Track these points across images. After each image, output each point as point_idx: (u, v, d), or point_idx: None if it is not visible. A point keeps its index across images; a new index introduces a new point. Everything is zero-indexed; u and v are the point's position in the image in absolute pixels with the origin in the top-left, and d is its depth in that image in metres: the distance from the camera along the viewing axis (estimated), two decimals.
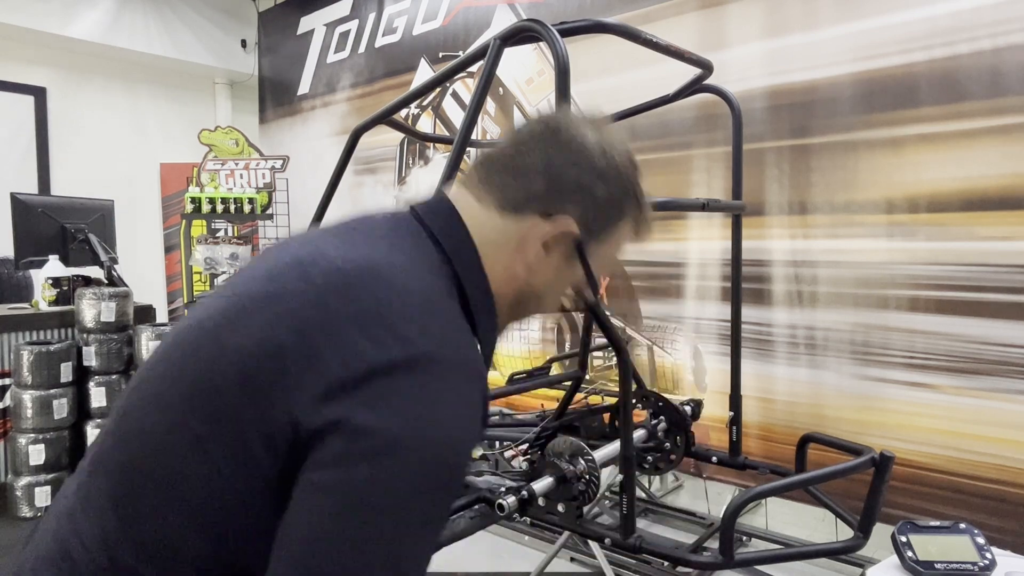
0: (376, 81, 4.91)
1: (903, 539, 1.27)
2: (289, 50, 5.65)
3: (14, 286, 4.29)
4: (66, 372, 3.46)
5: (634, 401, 2.05)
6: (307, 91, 5.49)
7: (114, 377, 3.63)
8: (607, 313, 1.57)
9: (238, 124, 5.55)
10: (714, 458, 2.13)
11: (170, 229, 5.50)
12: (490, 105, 4.06)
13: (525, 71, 3.91)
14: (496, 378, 3.69)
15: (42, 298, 3.73)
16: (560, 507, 1.58)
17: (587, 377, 2.24)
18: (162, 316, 5.05)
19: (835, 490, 2.00)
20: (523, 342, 3.94)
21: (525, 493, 1.53)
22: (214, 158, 4.89)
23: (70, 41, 5.06)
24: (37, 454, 3.38)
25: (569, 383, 2.16)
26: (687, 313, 3.29)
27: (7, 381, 3.50)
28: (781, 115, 2.92)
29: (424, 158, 4.58)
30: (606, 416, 2.16)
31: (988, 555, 1.24)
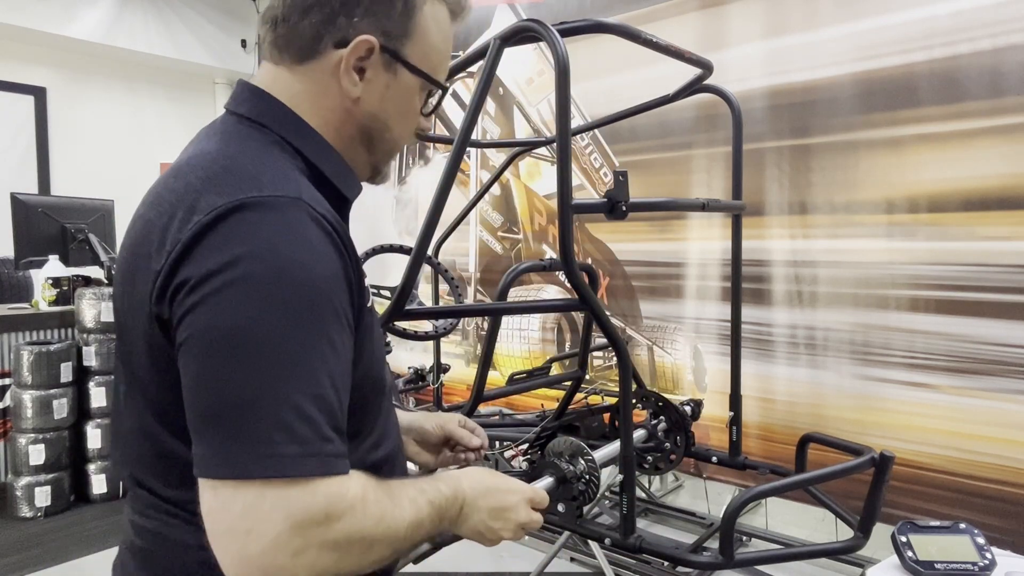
0: None
1: (903, 539, 1.27)
2: None
3: (14, 286, 4.28)
4: (66, 372, 3.46)
5: (634, 401, 2.05)
6: None
7: (114, 377, 3.63)
8: (607, 313, 1.57)
9: None
10: (714, 458, 2.13)
11: None
12: (490, 105, 4.06)
13: (525, 71, 3.91)
14: (496, 378, 3.69)
15: (42, 298, 3.73)
16: (560, 507, 1.58)
17: (587, 377, 2.24)
18: None
19: (835, 490, 2.00)
20: (523, 342, 3.95)
21: None
22: None
23: (70, 41, 5.06)
24: (37, 454, 3.38)
25: (569, 383, 2.16)
26: (687, 313, 3.29)
27: (7, 381, 3.50)
28: (781, 115, 2.92)
29: (424, 158, 4.58)
30: (606, 416, 2.16)
31: (988, 555, 1.24)
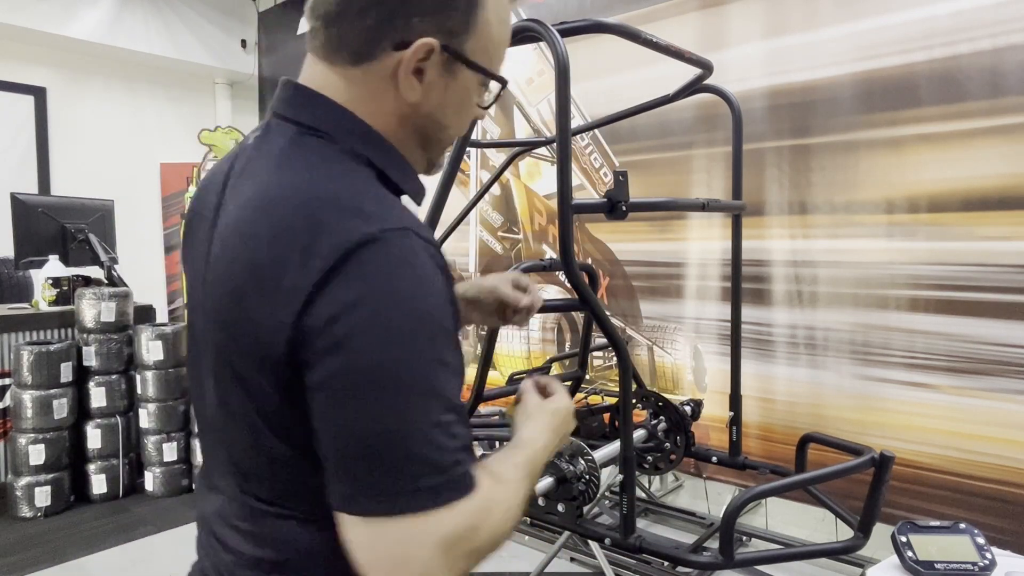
0: None
1: (903, 539, 1.27)
2: (289, 50, 5.65)
3: (14, 286, 4.29)
4: (66, 372, 3.46)
5: (634, 401, 2.05)
6: None
7: (114, 377, 3.63)
8: (607, 313, 1.57)
9: (238, 124, 5.55)
10: (714, 458, 2.13)
11: (170, 229, 5.50)
12: None
13: (525, 71, 3.91)
14: (496, 378, 3.68)
15: (42, 298, 3.73)
16: (560, 507, 1.58)
17: (587, 377, 2.24)
18: (162, 316, 5.05)
19: (835, 490, 2.00)
20: (523, 342, 3.95)
21: None
22: (214, 158, 4.89)
23: (70, 41, 5.06)
24: (37, 454, 3.38)
25: (569, 383, 2.16)
26: (687, 313, 3.29)
27: (7, 381, 3.50)
28: (781, 115, 2.92)
29: None
30: (606, 416, 2.16)
31: (988, 555, 1.24)
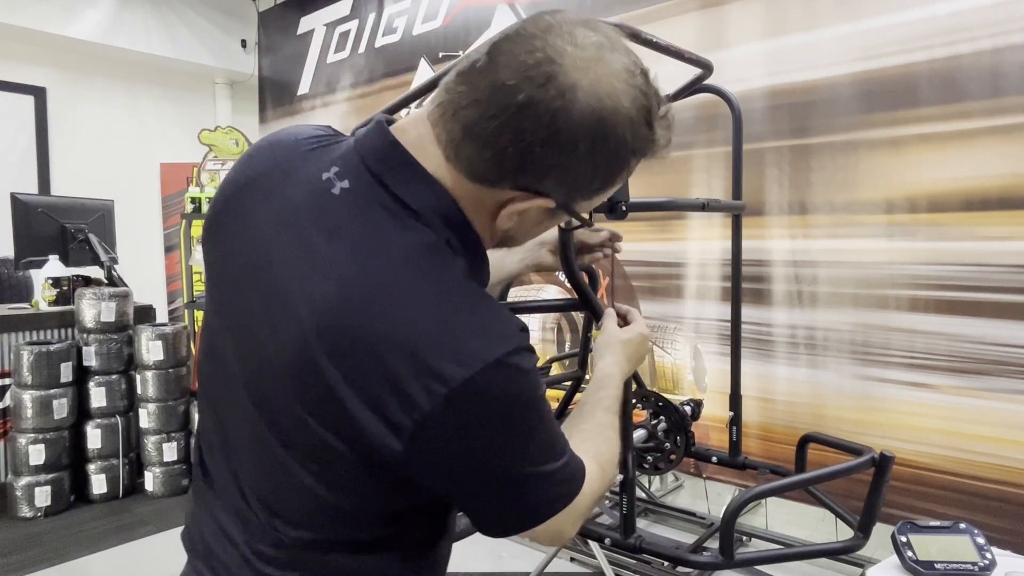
0: (376, 81, 4.91)
1: (903, 539, 1.27)
2: (289, 50, 5.65)
3: (14, 286, 4.28)
4: (66, 372, 3.46)
5: (634, 401, 2.05)
6: (307, 91, 5.49)
7: (114, 377, 3.63)
8: None
9: (238, 124, 5.55)
10: (714, 458, 2.13)
11: (170, 229, 5.50)
12: None
13: None
14: None
15: (42, 298, 3.73)
16: None
17: (587, 377, 2.24)
18: (162, 316, 5.05)
19: (835, 490, 2.00)
20: None
21: None
22: (214, 158, 4.88)
23: (70, 41, 5.06)
24: (37, 454, 3.38)
25: (569, 383, 2.16)
26: (687, 313, 3.29)
27: (7, 381, 3.50)
28: (781, 115, 2.91)
29: None
30: None
31: (988, 555, 1.24)
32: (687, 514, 3.14)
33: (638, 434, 1.99)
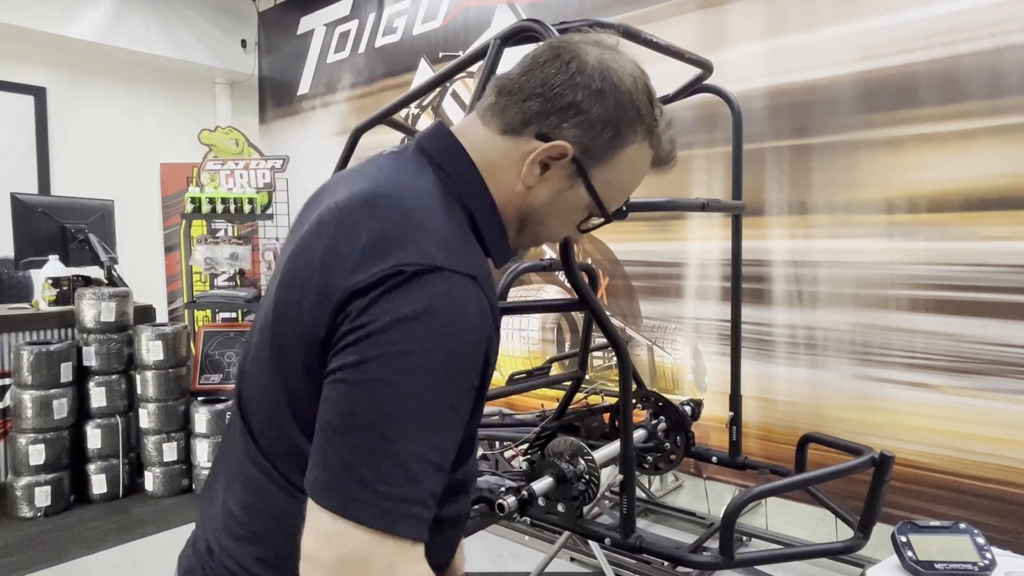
0: (376, 81, 4.91)
1: (903, 539, 1.27)
2: (289, 50, 5.65)
3: (14, 286, 4.28)
4: (66, 372, 3.46)
5: (634, 401, 2.05)
6: (307, 91, 5.49)
7: (114, 377, 3.63)
8: (607, 313, 1.57)
9: (238, 124, 5.55)
10: (714, 458, 2.13)
11: (170, 229, 5.49)
12: None
13: None
14: (496, 378, 3.68)
15: (42, 298, 3.73)
16: (560, 507, 1.58)
17: (587, 377, 2.24)
18: (162, 316, 5.05)
19: (835, 490, 2.00)
20: (523, 342, 3.94)
21: (525, 493, 1.53)
22: (214, 158, 4.88)
23: (70, 41, 5.06)
24: (37, 454, 3.38)
25: (569, 383, 2.16)
26: (687, 313, 3.29)
27: (7, 381, 3.50)
28: (781, 115, 2.92)
29: None
30: (606, 416, 2.16)
31: (988, 555, 1.24)
32: (687, 514, 3.14)
33: (638, 434, 1.99)
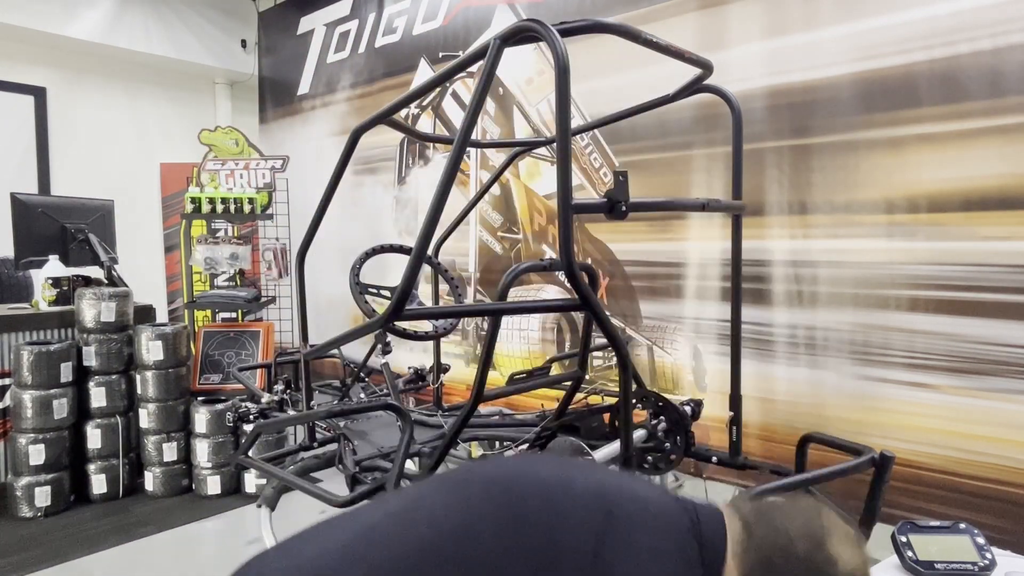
0: (376, 81, 4.91)
1: (903, 539, 1.27)
2: (289, 50, 5.65)
3: (14, 286, 4.28)
4: (66, 372, 3.47)
5: (634, 401, 2.05)
6: (307, 91, 5.49)
7: (114, 377, 3.63)
8: (607, 313, 1.57)
9: (238, 124, 5.55)
10: (714, 458, 2.13)
11: (170, 229, 5.49)
12: (490, 105, 4.06)
13: (525, 71, 3.91)
14: (496, 378, 3.68)
15: (42, 298, 3.73)
16: None
17: (587, 377, 2.24)
18: (162, 316, 5.05)
19: (835, 490, 2.00)
20: (523, 342, 3.94)
21: None
22: (214, 158, 4.88)
23: (70, 41, 5.06)
24: (37, 454, 3.38)
25: (569, 383, 2.16)
26: (687, 313, 3.29)
27: (7, 381, 3.50)
28: (781, 115, 2.91)
29: (424, 158, 4.58)
30: (606, 416, 2.16)
31: (988, 555, 1.24)
32: None
33: (638, 434, 1.99)
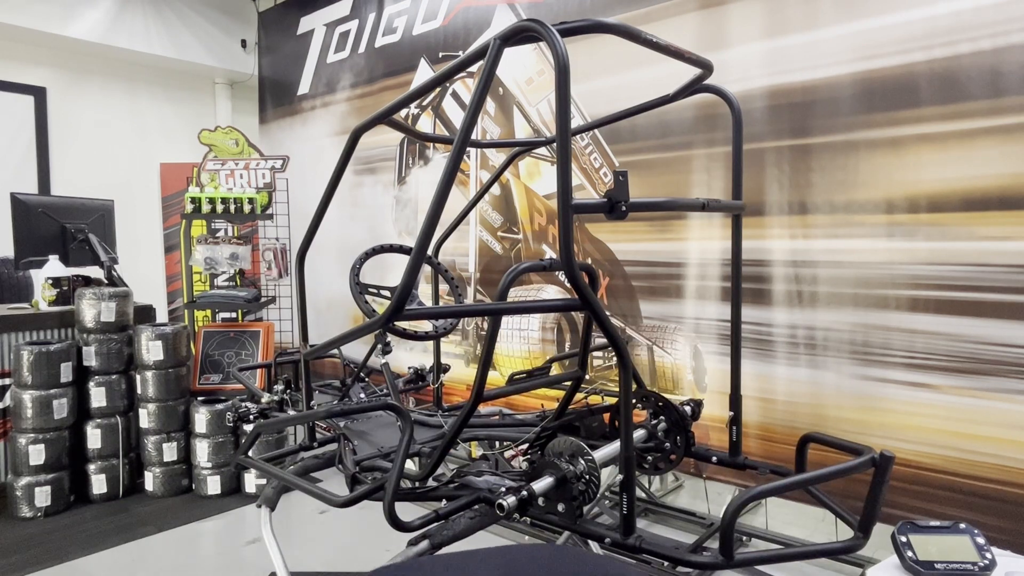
0: (376, 81, 4.91)
1: (903, 539, 1.27)
2: (289, 50, 5.65)
3: (14, 286, 4.29)
4: (66, 372, 3.47)
5: (634, 401, 2.05)
6: (307, 91, 5.49)
7: (114, 377, 3.63)
8: (607, 313, 1.57)
9: (238, 124, 5.55)
10: (714, 458, 2.13)
11: (170, 229, 5.49)
12: (490, 105, 4.06)
13: (525, 71, 3.91)
14: (496, 378, 3.68)
15: (42, 298, 3.73)
16: (560, 507, 1.58)
17: (587, 377, 2.24)
18: (162, 316, 5.05)
19: (835, 490, 2.00)
20: (523, 342, 3.94)
21: (525, 493, 1.53)
22: (214, 158, 4.88)
23: (70, 41, 5.06)
24: (37, 454, 3.38)
25: (569, 383, 2.16)
26: (687, 313, 3.29)
27: (7, 381, 3.50)
28: (781, 115, 2.91)
29: (424, 158, 4.58)
30: (606, 416, 2.16)
31: (988, 555, 1.24)
32: (687, 514, 3.14)
33: (638, 434, 1.99)
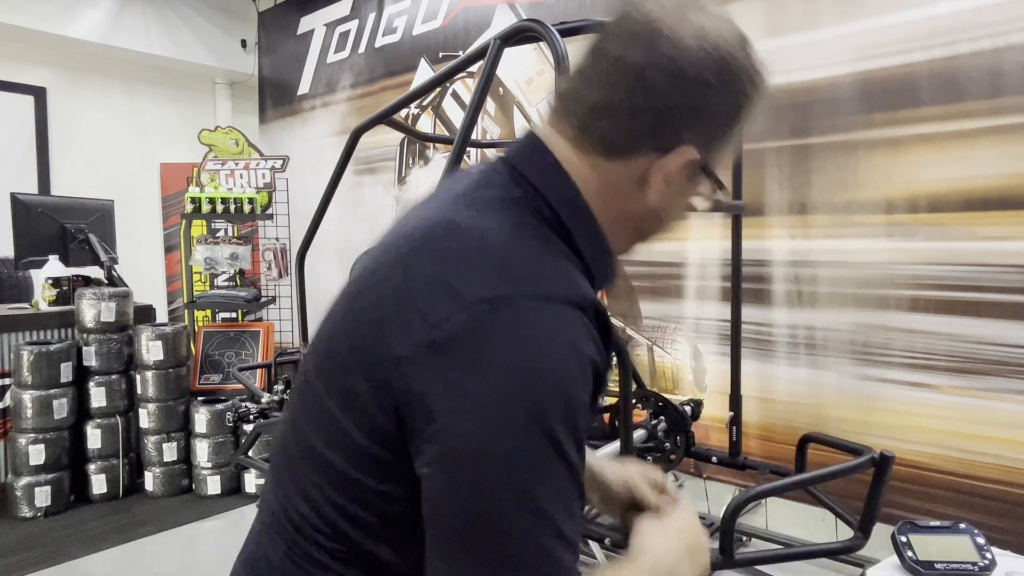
0: (376, 81, 4.91)
1: (903, 539, 1.27)
2: (289, 50, 5.65)
3: (14, 286, 4.28)
4: (66, 372, 3.46)
5: (634, 401, 2.05)
6: (307, 91, 5.49)
7: (114, 377, 3.63)
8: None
9: (238, 124, 5.55)
10: (714, 458, 2.14)
11: (170, 229, 5.49)
12: (490, 105, 4.06)
13: (525, 71, 3.90)
14: None
15: (42, 298, 3.73)
16: None
17: None
18: (162, 316, 5.05)
19: (835, 490, 2.00)
20: None
21: None
22: (214, 158, 4.88)
23: (70, 41, 5.06)
24: (37, 454, 3.38)
25: None
26: (687, 313, 3.29)
27: (7, 381, 3.50)
28: (781, 115, 2.91)
29: (424, 158, 4.58)
30: (606, 416, 2.16)
31: (988, 555, 1.24)
32: None
33: (638, 434, 1.99)
